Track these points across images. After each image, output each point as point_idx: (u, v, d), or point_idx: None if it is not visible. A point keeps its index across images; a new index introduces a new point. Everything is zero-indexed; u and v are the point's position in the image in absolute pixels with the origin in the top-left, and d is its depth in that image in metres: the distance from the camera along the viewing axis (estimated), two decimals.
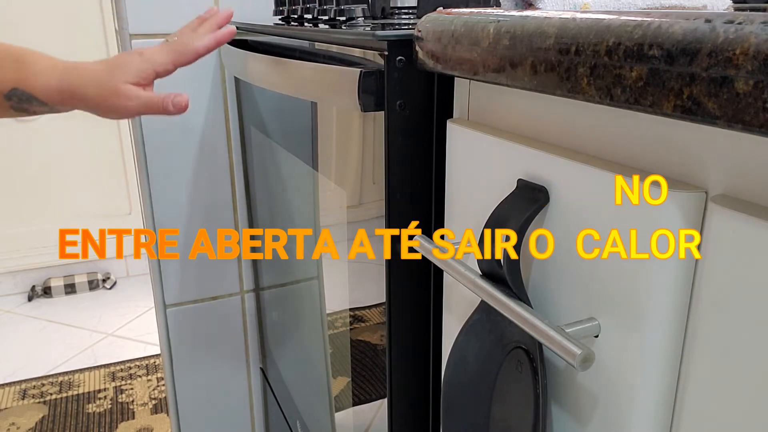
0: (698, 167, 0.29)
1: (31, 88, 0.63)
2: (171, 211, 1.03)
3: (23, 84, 0.63)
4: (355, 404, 0.68)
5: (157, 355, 1.88)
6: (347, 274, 0.65)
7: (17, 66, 0.63)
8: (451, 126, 0.47)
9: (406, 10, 0.69)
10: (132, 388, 1.72)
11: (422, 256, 0.44)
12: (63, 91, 0.63)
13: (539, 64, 0.33)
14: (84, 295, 2.27)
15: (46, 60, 0.64)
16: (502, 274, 0.37)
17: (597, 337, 0.34)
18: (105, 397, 1.69)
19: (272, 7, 0.89)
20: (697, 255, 0.29)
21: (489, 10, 0.40)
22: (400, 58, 0.48)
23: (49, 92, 0.63)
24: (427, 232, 0.53)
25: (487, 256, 0.39)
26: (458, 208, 0.47)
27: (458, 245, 0.45)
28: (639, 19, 0.27)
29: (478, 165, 0.43)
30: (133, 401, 1.66)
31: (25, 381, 1.76)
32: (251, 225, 1.09)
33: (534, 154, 0.37)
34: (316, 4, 0.69)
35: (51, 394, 1.69)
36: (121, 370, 1.81)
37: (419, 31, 0.45)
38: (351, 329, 0.66)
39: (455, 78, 0.48)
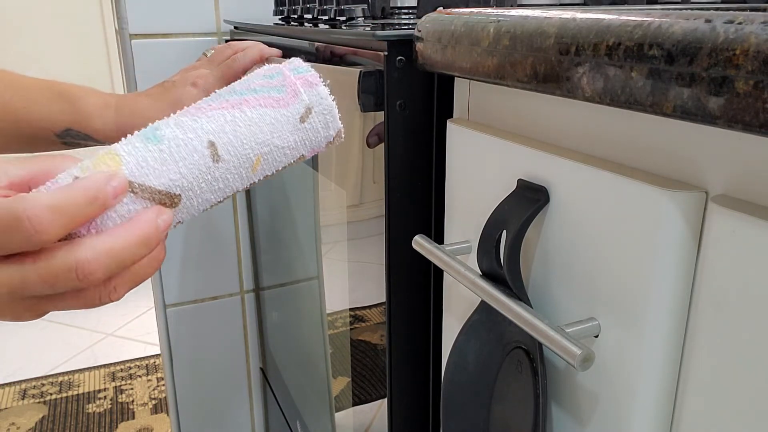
0: (698, 167, 0.29)
1: (87, 130, 0.62)
2: None
3: (78, 125, 0.62)
4: (355, 404, 0.68)
5: (157, 355, 1.88)
6: (347, 274, 0.65)
7: (70, 107, 0.61)
8: (451, 126, 0.47)
9: (406, 10, 0.69)
10: (132, 388, 1.72)
11: (422, 256, 0.44)
12: (122, 132, 0.62)
13: (539, 64, 0.33)
14: None
15: (96, 98, 0.63)
16: (502, 274, 0.37)
17: (597, 337, 0.34)
18: (105, 397, 1.69)
19: (272, 7, 0.89)
20: (696, 255, 0.29)
21: (489, 10, 0.40)
22: (400, 58, 0.48)
23: (106, 133, 0.62)
24: (427, 232, 0.53)
25: (487, 256, 0.39)
26: (458, 208, 0.47)
27: (458, 245, 0.45)
28: (639, 19, 0.27)
29: (478, 165, 0.43)
30: (133, 401, 1.66)
31: (25, 381, 1.76)
32: (251, 225, 1.09)
33: (534, 154, 0.37)
34: (316, 4, 0.69)
35: (51, 394, 1.69)
36: (121, 370, 1.81)
37: (419, 31, 0.45)
38: (351, 329, 0.66)
39: (455, 78, 0.48)
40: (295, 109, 0.37)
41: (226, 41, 0.96)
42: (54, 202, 0.29)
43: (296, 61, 0.40)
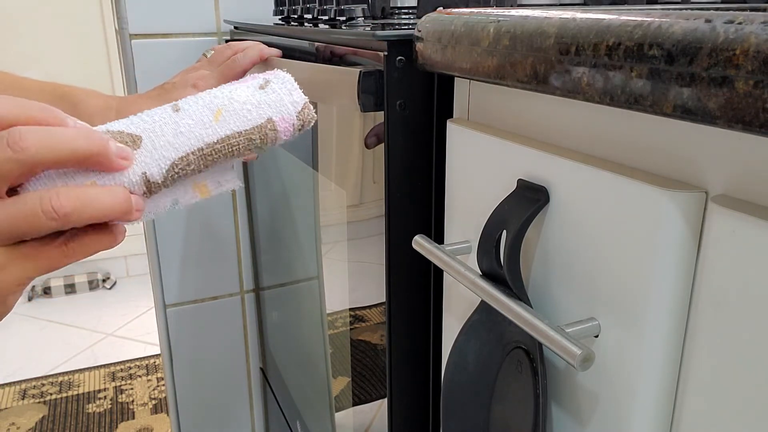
0: (698, 167, 0.29)
1: None
2: (170, 210, 1.03)
3: None
4: (355, 404, 0.68)
5: (157, 355, 1.88)
6: (347, 274, 0.65)
7: (71, 109, 0.61)
8: (451, 126, 0.47)
9: (406, 10, 0.69)
10: (132, 388, 1.72)
11: (422, 256, 0.44)
12: None
13: (539, 64, 0.33)
14: (84, 295, 2.27)
15: (98, 100, 0.62)
16: (502, 274, 0.37)
17: (597, 337, 0.34)
18: (105, 397, 1.69)
19: (272, 7, 0.89)
20: (696, 255, 0.29)
21: (489, 10, 0.40)
22: (400, 58, 0.48)
23: None
24: (427, 232, 0.53)
25: (487, 256, 0.39)
26: (458, 208, 0.47)
27: (458, 245, 0.45)
28: (639, 19, 0.27)
29: (478, 165, 0.43)
30: (133, 401, 1.66)
31: (25, 381, 1.76)
32: (251, 225, 1.09)
33: (534, 154, 0.37)
34: (316, 4, 0.69)
35: (51, 394, 1.69)
36: (121, 370, 1.81)
37: (419, 31, 0.45)
38: (351, 329, 0.66)
39: (455, 78, 0.48)
40: (254, 82, 0.41)
41: (226, 41, 0.96)
42: (8, 96, 0.33)
43: None
